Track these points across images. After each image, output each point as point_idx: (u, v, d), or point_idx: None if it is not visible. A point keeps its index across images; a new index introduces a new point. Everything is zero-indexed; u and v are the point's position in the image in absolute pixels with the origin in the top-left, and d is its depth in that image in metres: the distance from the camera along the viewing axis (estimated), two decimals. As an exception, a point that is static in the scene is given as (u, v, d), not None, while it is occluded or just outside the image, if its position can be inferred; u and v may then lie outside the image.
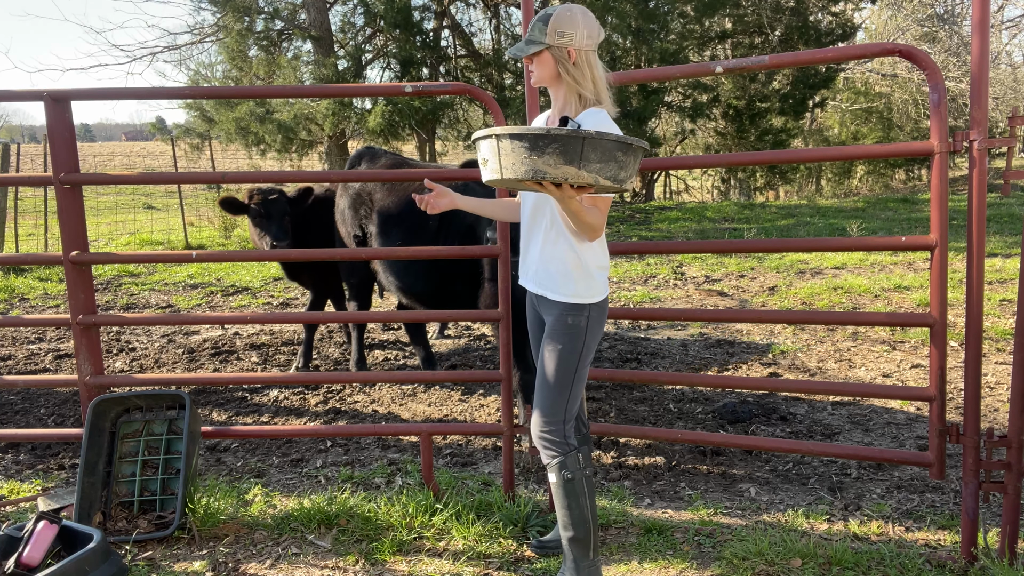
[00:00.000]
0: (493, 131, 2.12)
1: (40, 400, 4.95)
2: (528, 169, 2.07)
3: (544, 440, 2.55)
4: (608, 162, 2.07)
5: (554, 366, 2.51)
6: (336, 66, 14.30)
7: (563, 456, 2.53)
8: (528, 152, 2.05)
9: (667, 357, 5.64)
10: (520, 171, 2.08)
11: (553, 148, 2.03)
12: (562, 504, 2.56)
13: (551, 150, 2.03)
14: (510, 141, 2.07)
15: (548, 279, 2.52)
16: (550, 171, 2.06)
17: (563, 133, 2.02)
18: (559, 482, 2.54)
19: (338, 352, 5.98)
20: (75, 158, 3.37)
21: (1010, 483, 2.68)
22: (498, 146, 2.11)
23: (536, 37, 2.43)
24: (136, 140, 61.24)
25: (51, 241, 10.62)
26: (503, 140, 2.09)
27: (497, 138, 2.10)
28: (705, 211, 15.41)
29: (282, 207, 5.14)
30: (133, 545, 3.02)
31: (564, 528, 2.59)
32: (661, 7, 15.09)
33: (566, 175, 2.06)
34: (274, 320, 3.85)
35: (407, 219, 4.58)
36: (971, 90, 2.61)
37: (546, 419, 2.54)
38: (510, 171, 2.11)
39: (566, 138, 2.02)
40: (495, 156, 2.13)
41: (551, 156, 2.04)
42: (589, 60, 2.43)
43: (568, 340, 2.50)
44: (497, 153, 2.12)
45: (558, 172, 2.06)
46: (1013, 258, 8.70)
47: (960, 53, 18.94)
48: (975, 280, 2.66)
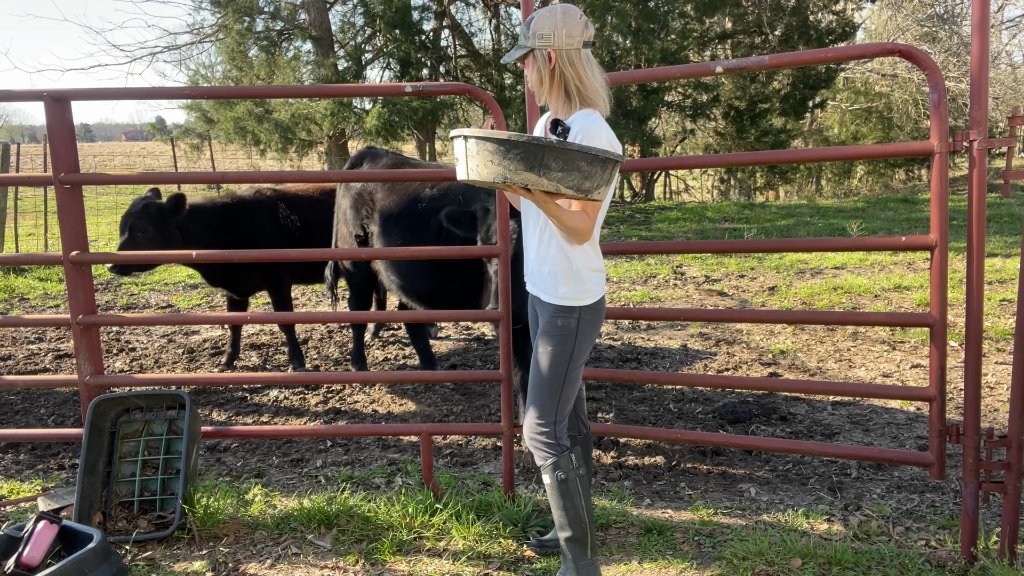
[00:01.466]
0: (463, 132, 2.14)
1: (40, 400, 4.95)
2: (491, 173, 2.10)
3: (535, 441, 2.56)
4: (570, 171, 2.08)
5: (545, 367, 2.52)
6: (336, 66, 14.30)
7: (556, 457, 2.53)
8: (492, 156, 2.08)
9: (667, 357, 5.64)
10: (484, 174, 2.12)
11: (515, 154, 2.06)
12: (557, 505, 2.56)
13: (513, 155, 2.06)
14: (476, 143, 2.10)
15: (541, 280, 2.54)
16: (511, 176, 2.08)
17: (524, 140, 2.04)
18: (553, 483, 2.54)
19: (338, 352, 5.98)
20: (75, 158, 3.37)
21: (1010, 483, 2.68)
22: (465, 147, 2.14)
23: (520, 41, 2.43)
24: (136, 140, 61.23)
25: (51, 241, 10.62)
26: (470, 141, 2.12)
27: (465, 139, 2.13)
28: (705, 211, 15.41)
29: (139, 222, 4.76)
30: (133, 545, 3.02)
31: (561, 528, 2.60)
32: (661, 7, 15.08)
33: (526, 181, 2.08)
34: (274, 320, 3.86)
35: (408, 219, 4.58)
36: (971, 90, 2.61)
37: (537, 420, 2.55)
38: (475, 173, 2.13)
39: (527, 145, 2.05)
40: (464, 157, 2.16)
41: (512, 162, 2.06)
42: (571, 59, 2.38)
43: (558, 342, 2.50)
44: (465, 154, 2.14)
45: (519, 178, 2.08)
46: (1013, 258, 8.70)
47: (960, 53, 18.94)
48: (975, 280, 2.66)
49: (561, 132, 2.39)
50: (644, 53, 14.94)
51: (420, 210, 4.53)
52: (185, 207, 4.89)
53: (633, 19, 14.56)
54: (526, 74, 2.53)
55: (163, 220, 4.82)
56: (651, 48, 14.77)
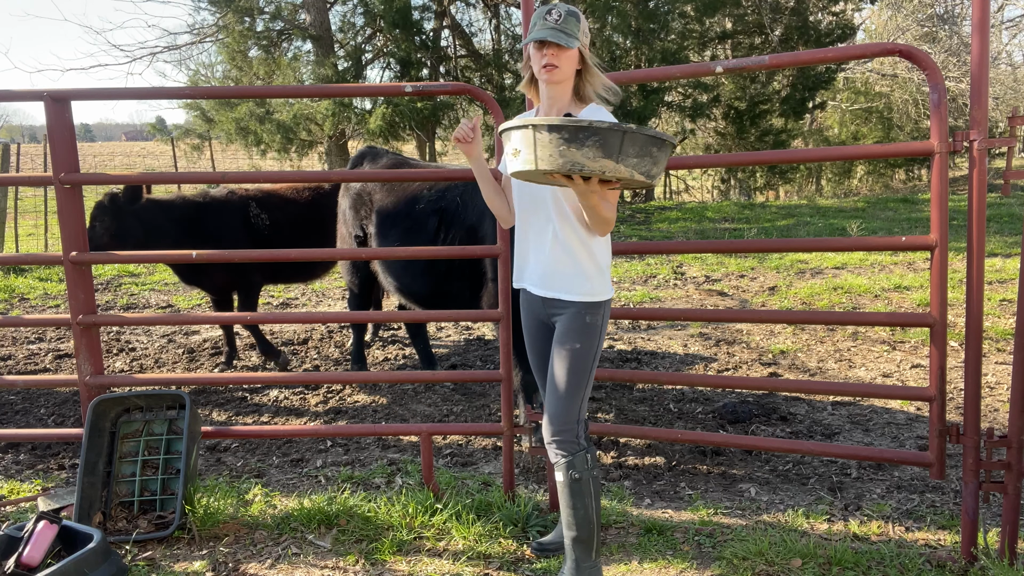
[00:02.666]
0: (529, 121, 2.08)
1: (40, 400, 4.95)
2: (566, 161, 2.04)
3: (557, 441, 2.54)
4: (644, 157, 2.05)
5: (570, 367, 2.49)
6: (336, 66, 14.29)
7: (571, 456, 2.52)
8: (567, 144, 2.02)
9: (667, 357, 5.64)
10: (557, 163, 2.05)
11: (593, 141, 2.00)
12: (568, 504, 2.55)
13: (591, 143, 2.01)
14: (548, 133, 2.04)
15: (562, 280, 2.50)
16: (588, 164, 2.02)
17: (604, 126, 1.99)
18: (566, 481, 2.52)
19: (338, 352, 5.98)
20: (75, 158, 3.37)
21: (1010, 483, 2.68)
22: (534, 137, 2.06)
23: (574, 32, 2.39)
24: (136, 140, 61.26)
25: (51, 241, 10.62)
26: (540, 131, 2.05)
27: (535, 128, 2.06)
28: (705, 211, 15.41)
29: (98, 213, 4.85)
30: (133, 545, 3.02)
31: (568, 528, 2.58)
32: (661, 7, 15.08)
33: (604, 168, 2.03)
34: (274, 320, 3.85)
35: (406, 220, 4.58)
36: (971, 90, 2.61)
37: (561, 422, 2.52)
38: (546, 162, 2.06)
39: (607, 131, 2.00)
40: (530, 147, 2.08)
41: (590, 149, 2.01)
42: (588, 59, 2.48)
43: (585, 339, 2.49)
44: (532, 144, 2.07)
45: (596, 165, 2.03)
46: (1013, 258, 8.70)
47: (960, 53, 18.94)
48: (975, 280, 2.66)
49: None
50: (644, 53, 14.94)
51: (418, 211, 4.52)
52: (142, 199, 4.95)
53: (633, 19, 14.56)
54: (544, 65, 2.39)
55: (119, 211, 4.88)
56: (651, 48, 14.77)
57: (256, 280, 5.53)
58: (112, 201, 4.88)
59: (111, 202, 4.87)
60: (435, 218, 4.41)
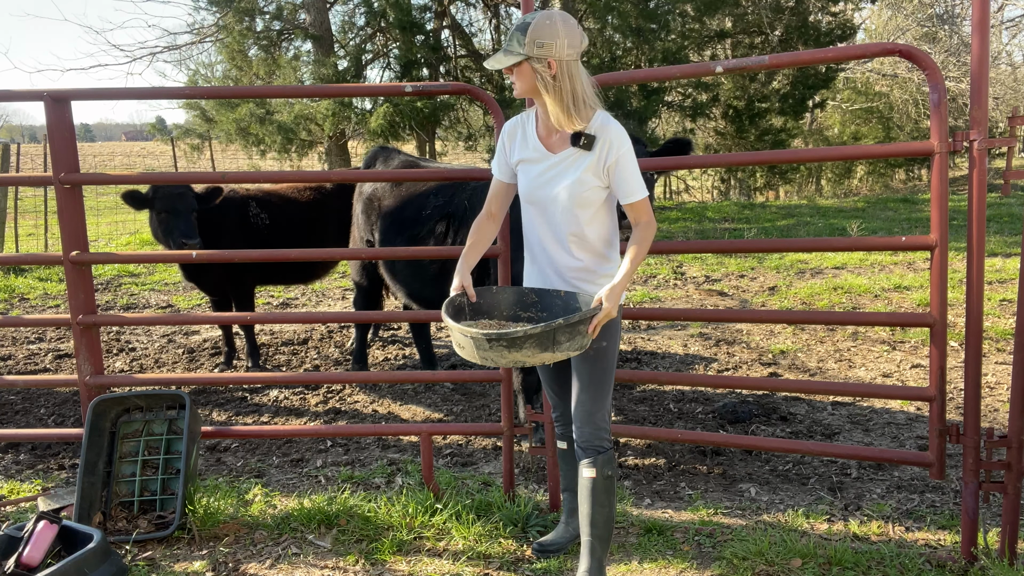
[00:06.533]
0: (468, 331, 2.23)
1: (40, 400, 4.95)
2: (508, 361, 2.24)
3: (599, 437, 2.55)
4: (574, 337, 2.25)
5: (605, 363, 2.54)
6: (336, 66, 14.29)
7: (606, 452, 2.55)
8: (507, 349, 2.20)
9: (667, 357, 5.64)
10: (501, 363, 2.25)
11: (530, 343, 2.20)
12: (597, 501, 2.54)
13: (528, 344, 2.20)
14: (488, 342, 2.20)
15: (590, 276, 2.55)
16: (528, 360, 2.24)
17: (538, 331, 2.16)
18: (600, 478, 2.52)
19: (338, 352, 5.98)
20: (75, 158, 3.37)
21: (1010, 483, 2.68)
22: (474, 343, 2.24)
23: (514, 48, 2.31)
24: (136, 140, 61.23)
25: (51, 241, 10.62)
26: (480, 342, 2.22)
27: (474, 339, 2.23)
28: (705, 211, 15.41)
29: (189, 203, 4.82)
30: (133, 545, 3.02)
31: (592, 526, 2.56)
32: (661, 7, 15.07)
33: (543, 359, 2.25)
34: (274, 320, 3.86)
35: (413, 224, 4.57)
36: (971, 90, 2.61)
37: (598, 420, 2.55)
38: (490, 362, 2.26)
39: (540, 335, 2.18)
40: (472, 348, 2.27)
41: (528, 349, 2.21)
42: (571, 71, 2.32)
43: (613, 335, 2.53)
44: (474, 347, 2.25)
45: (536, 359, 2.24)
46: (1013, 258, 8.70)
47: (960, 53, 18.94)
48: (975, 280, 2.66)
49: (584, 143, 2.40)
50: (644, 53, 14.93)
51: (425, 216, 4.52)
52: (218, 198, 5.05)
53: (633, 19, 14.54)
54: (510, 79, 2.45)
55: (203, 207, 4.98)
56: (651, 48, 14.77)
57: (248, 280, 5.51)
58: (201, 198, 4.93)
59: (199, 198, 4.92)
60: (442, 223, 4.42)
